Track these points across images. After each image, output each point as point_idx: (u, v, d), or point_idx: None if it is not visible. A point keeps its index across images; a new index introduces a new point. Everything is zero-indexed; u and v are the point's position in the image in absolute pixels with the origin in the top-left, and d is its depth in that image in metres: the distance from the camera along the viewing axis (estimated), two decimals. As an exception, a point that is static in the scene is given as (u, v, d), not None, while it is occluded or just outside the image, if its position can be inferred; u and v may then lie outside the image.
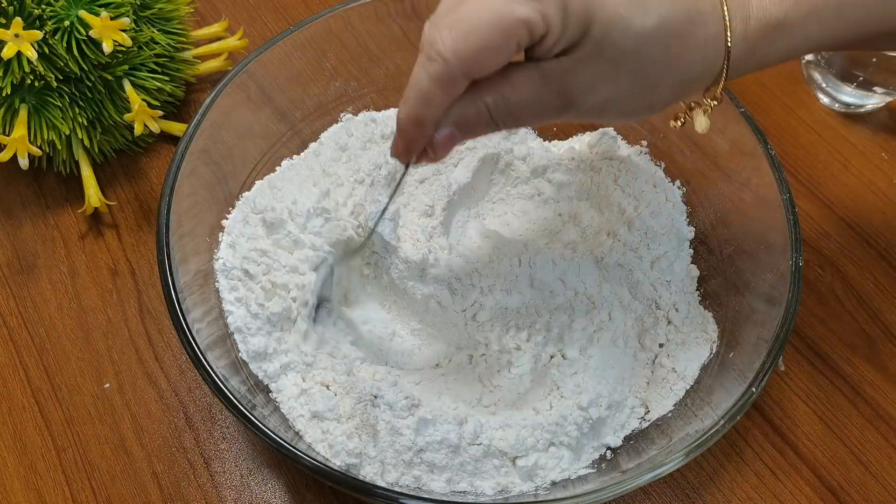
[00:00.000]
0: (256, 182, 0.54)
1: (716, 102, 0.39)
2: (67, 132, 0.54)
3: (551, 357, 0.49)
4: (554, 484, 0.45)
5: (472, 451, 0.44)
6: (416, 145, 0.36)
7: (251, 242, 0.50)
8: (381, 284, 0.52)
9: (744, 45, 0.37)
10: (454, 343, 0.50)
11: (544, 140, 0.60)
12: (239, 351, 0.48)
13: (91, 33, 0.51)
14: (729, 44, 0.36)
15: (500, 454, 0.44)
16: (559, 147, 0.59)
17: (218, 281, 0.49)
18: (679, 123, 0.43)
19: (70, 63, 0.52)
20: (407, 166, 0.39)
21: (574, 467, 0.45)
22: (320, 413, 0.46)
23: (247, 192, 0.53)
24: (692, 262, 0.53)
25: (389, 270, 0.50)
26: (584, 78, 0.35)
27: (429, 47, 0.33)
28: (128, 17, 0.52)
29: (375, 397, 0.44)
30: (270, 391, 0.47)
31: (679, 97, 0.39)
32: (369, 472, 0.43)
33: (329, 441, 0.45)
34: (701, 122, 0.41)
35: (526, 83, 0.35)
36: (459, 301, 0.50)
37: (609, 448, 0.47)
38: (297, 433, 0.45)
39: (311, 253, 0.49)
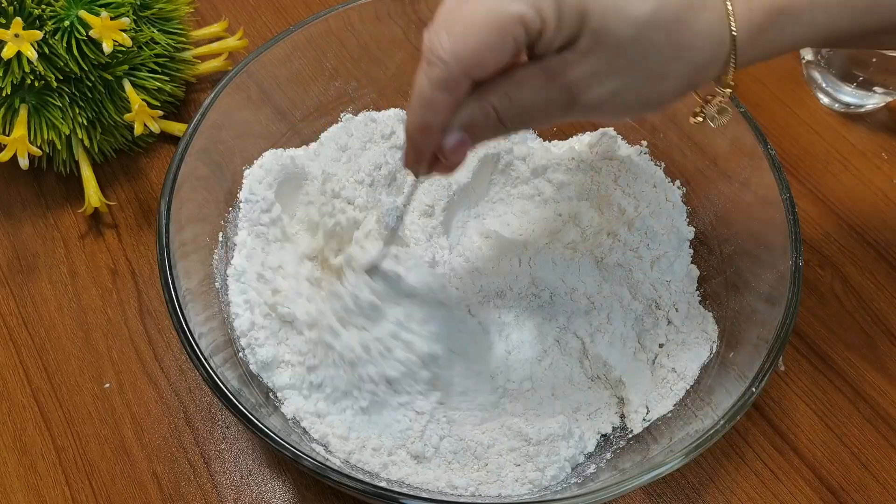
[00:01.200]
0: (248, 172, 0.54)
1: (729, 90, 0.39)
2: (67, 132, 0.54)
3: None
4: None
5: (494, 448, 0.45)
6: (426, 153, 0.36)
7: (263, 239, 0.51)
8: None
9: (748, 30, 0.36)
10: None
11: (544, 140, 0.60)
12: (239, 351, 0.48)
13: (91, 33, 0.51)
14: (733, 28, 0.36)
15: (516, 443, 0.45)
16: (559, 147, 0.59)
17: (217, 281, 0.49)
18: (699, 119, 0.42)
19: (70, 63, 0.52)
20: (417, 177, 0.38)
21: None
22: (322, 412, 0.46)
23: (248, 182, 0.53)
24: (692, 262, 0.53)
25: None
26: (587, 70, 0.35)
27: (429, 52, 0.33)
28: (128, 17, 0.52)
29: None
30: (271, 390, 0.47)
31: (688, 87, 0.38)
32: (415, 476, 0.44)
33: (330, 441, 0.45)
34: (718, 116, 0.41)
35: (529, 81, 0.35)
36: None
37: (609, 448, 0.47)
38: (298, 433, 0.45)
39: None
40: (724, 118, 0.41)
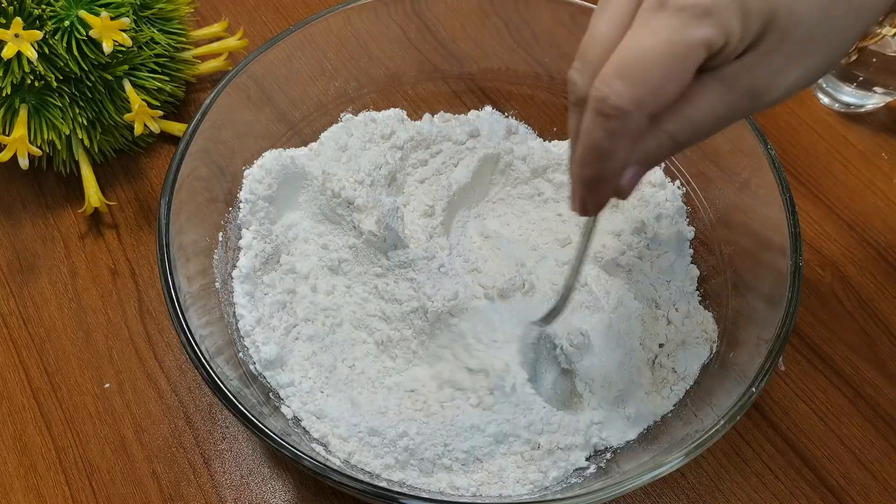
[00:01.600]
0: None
1: None
2: (67, 132, 0.54)
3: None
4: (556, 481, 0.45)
5: (500, 448, 0.45)
6: (605, 199, 0.34)
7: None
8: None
9: None
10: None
11: (544, 140, 0.60)
12: (239, 351, 0.48)
13: (91, 33, 0.51)
14: None
15: (518, 450, 0.45)
16: (559, 147, 0.59)
17: (217, 281, 0.49)
18: (854, 56, 0.40)
19: (70, 63, 0.52)
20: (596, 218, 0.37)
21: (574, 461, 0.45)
22: (323, 412, 0.46)
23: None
24: (692, 262, 0.54)
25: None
26: (772, 68, 0.32)
27: (600, 102, 0.30)
28: (128, 17, 0.52)
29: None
30: (272, 390, 0.47)
31: (860, 38, 0.36)
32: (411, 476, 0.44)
33: (330, 441, 0.45)
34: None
35: (708, 97, 0.32)
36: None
37: (609, 448, 0.47)
38: (298, 433, 0.45)
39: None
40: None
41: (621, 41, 0.31)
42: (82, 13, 0.51)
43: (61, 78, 0.53)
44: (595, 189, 0.34)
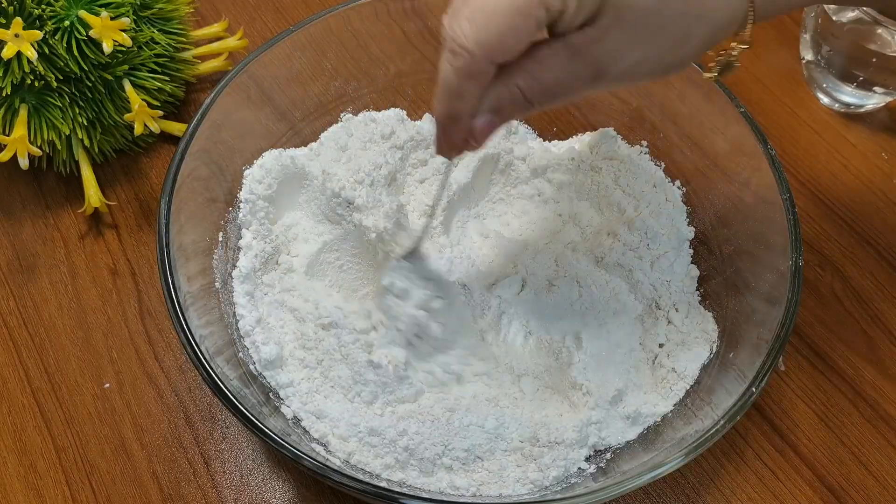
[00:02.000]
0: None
1: (746, 46, 0.39)
2: (67, 132, 0.54)
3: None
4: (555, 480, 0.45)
5: (500, 444, 0.45)
6: (457, 140, 0.37)
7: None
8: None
9: None
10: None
11: (544, 140, 0.60)
12: (240, 351, 0.48)
13: (91, 33, 0.51)
14: None
15: (517, 447, 0.45)
16: (559, 147, 0.59)
17: (217, 281, 0.49)
18: (714, 74, 0.42)
19: (70, 63, 0.52)
20: (450, 161, 0.40)
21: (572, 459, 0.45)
22: (324, 412, 0.46)
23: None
24: (692, 262, 0.53)
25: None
26: (612, 45, 0.35)
27: (450, 41, 0.33)
28: (128, 17, 0.52)
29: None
30: (272, 390, 0.47)
31: (708, 46, 0.38)
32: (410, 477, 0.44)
33: (330, 441, 0.45)
34: (727, 70, 0.41)
35: (554, 60, 0.35)
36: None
37: (609, 448, 0.47)
38: (298, 433, 0.45)
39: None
40: (733, 71, 0.41)
41: None
42: (82, 13, 0.51)
43: (61, 78, 0.53)
44: (448, 129, 0.36)
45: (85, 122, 0.55)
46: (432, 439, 0.44)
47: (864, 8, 0.56)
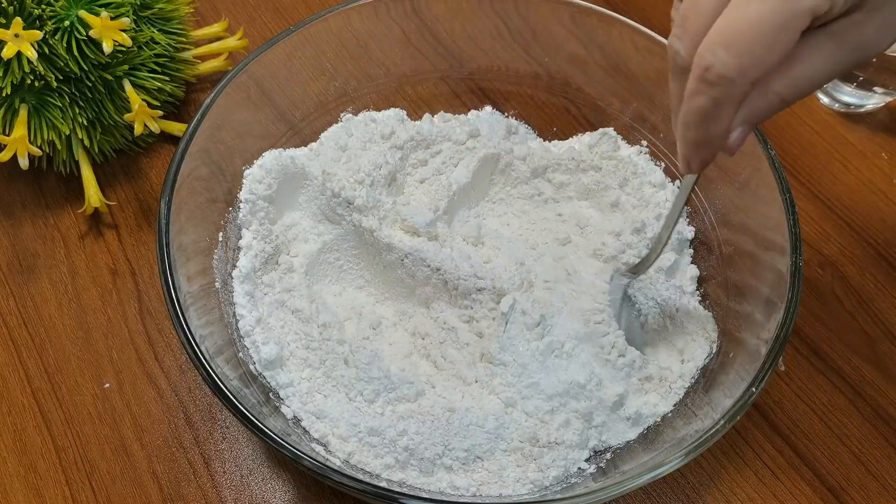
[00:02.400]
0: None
1: None
2: (67, 132, 0.54)
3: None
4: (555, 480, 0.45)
5: (500, 444, 0.45)
6: (710, 158, 0.36)
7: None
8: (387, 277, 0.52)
9: None
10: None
11: (544, 140, 0.60)
12: (239, 351, 0.48)
13: (91, 33, 0.51)
14: None
15: (517, 447, 0.45)
16: (559, 147, 0.59)
17: (217, 281, 0.49)
18: None
19: (70, 63, 0.52)
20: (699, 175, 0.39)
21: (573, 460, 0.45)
22: (324, 412, 0.46)
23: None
24: (692, 262, 0.53)
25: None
26: (880, 23, 0.32)
27: (703, 71, 0.31)
28: (128, 17, 0.52)
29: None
30: (272, 390, 0.47)
31: None
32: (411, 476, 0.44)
33: (330, 441, 0.45)
34: None
35: (816, 54, 0.32)
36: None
37: (609, 448, 0.47)
38: (298, 433, 0.45)
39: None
40: None
41: (725, 10, 0.31)
42: (82, 13, 0.51)
43: (61, 78, 0.53)
44: (699, 150, 0.35)
45: (85, 122, 0.55)
46: (432, 439, 0.44)
47: None
